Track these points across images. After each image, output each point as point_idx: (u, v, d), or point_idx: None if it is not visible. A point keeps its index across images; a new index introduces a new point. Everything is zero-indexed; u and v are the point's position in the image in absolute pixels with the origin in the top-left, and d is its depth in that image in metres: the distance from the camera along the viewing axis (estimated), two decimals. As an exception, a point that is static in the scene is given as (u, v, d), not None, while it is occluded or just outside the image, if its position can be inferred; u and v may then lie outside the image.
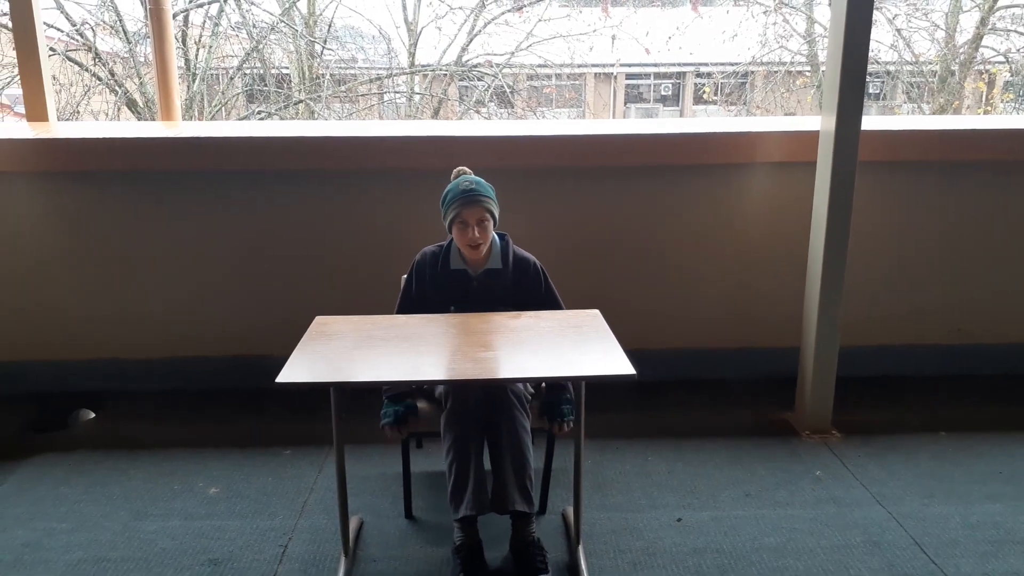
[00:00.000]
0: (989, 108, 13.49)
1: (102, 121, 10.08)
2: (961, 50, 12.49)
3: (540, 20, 12.39)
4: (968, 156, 3.50)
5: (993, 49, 12.76)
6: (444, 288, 2.56)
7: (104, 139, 3.41)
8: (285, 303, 3.48)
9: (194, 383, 3.61)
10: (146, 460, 2.98)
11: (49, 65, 3.89)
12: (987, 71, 13.23)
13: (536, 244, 2.75)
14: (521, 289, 2.58)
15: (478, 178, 2.56)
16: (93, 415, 3.37)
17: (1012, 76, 13.26)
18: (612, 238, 3.54)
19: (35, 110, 3.79)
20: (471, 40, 12.11)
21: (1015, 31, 12.64)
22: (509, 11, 12.47)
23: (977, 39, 12.40)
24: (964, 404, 3.45)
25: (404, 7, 12.27)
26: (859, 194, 3.02)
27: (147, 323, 3.57)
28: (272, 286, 3.54)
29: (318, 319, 2.50)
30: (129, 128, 3.97)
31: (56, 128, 3.72)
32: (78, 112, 10.05)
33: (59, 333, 3.57)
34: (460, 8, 11.85)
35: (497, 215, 2.54)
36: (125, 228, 3.48)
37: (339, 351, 2.27)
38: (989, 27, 12.36)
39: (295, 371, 2.11)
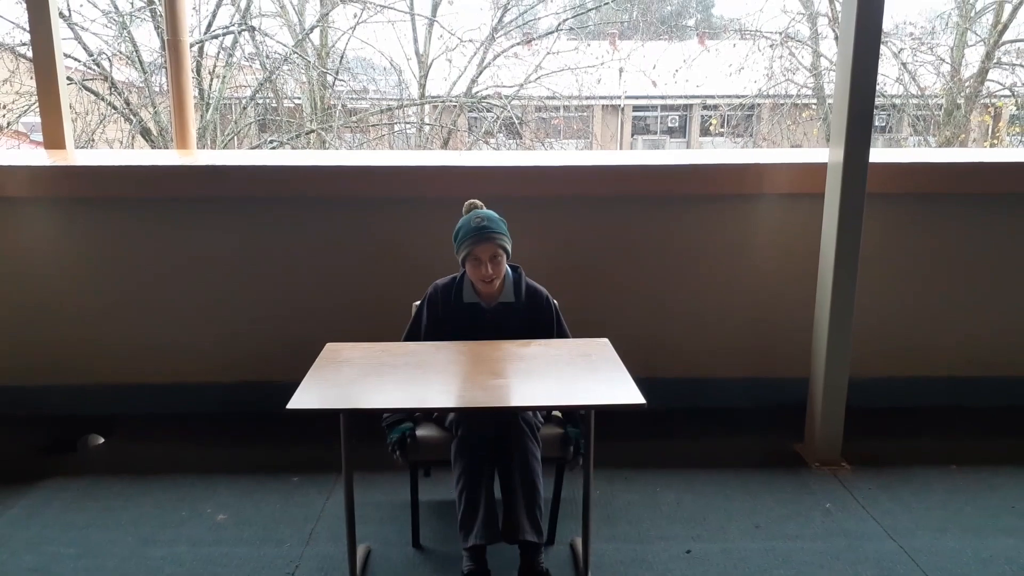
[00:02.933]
0: (995, 141, 13.54)
1: (117, 149, 10.21)
2: (967, 84, 12.58)
3: (549, 53, 12.55)
4: (977, 188, 3.51)
5: (999, 83, 12.84)
6: (457, 321, 2.57)
7: (123, 167, 3.47)
8: (296, 329, 3.50)
9: (204, 408, 3.62)
10: (155, 486, 2.98)
11: (67, 94, 3.96)
12: (993, 104, 13.29)
13: (547, 273, 2.77)
14: (533, 322, 2.59)
15: (491, 212, 2.58)
16: (102, 440, 3.38)
17: (1018, 109, 13.32)
18: (622, 267, 3.56)
19: (53, 138, 3.86)
20: (481, 72, 12.26)
21: (1020, 65, 12.72)
22: (518, 44, 12.64)
23: (982, 73, 12.49)
24: (975, 437, 3.42)
25: (415, 40, 12.45)
26: (867, 225, 3.03)
27: (159, 348, 3.59)
28: (283, 312, 3.56)
29: (329, 346, 2.52)
30: (146, 156, 4.03)
31: (75, 155, 3.78)
32: (93, 140, 10.19)
33: (71, 357, 3.60)
34: (470, 41, 12.03)
35: (510, 249, 2.56)
36: (139, 253, 3.52)
37: (350, 377, 2.28)
38: (994, 61, 12.44)
39: (306, 397, 2.13)
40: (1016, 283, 3.62)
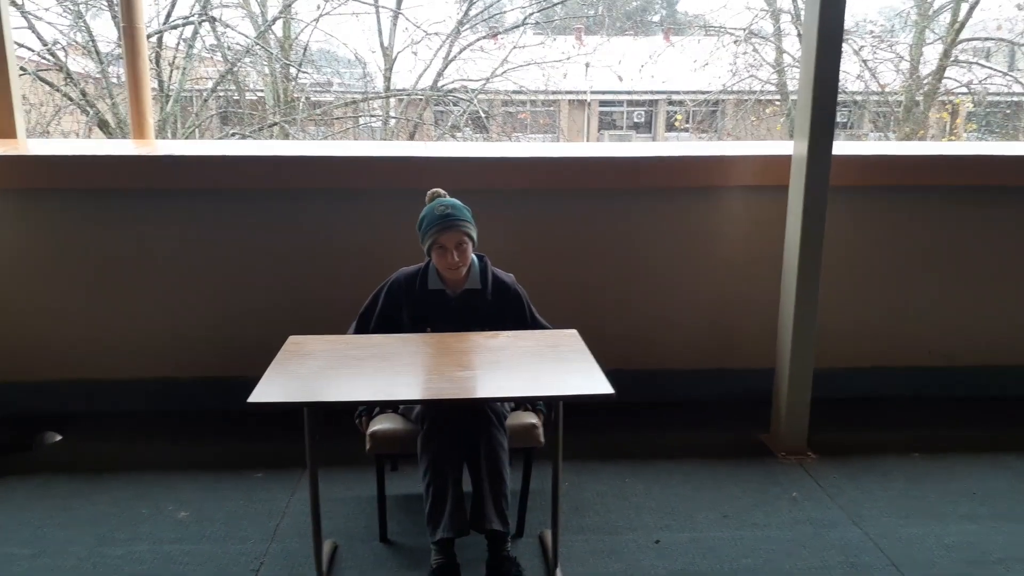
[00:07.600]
0: (953, 137, 13.85)
1: (73, 140, 9.95)
2: (925, 81, 12.83)
3: (515, 47, 12.54)
4: (937, 181, 3.56)
5: (956, 80, 13.13)
6: (421, 308, 2.55)
7: (76, 156, 3.37)
8: (259, 324, 3.42)
9: (163, 406, 3.53)
10: (113, 483, 2.90)
11: (19, 84, 3.83)
12: (950, 102, 13.58)
13: (515, 265, 2.75)
14: (500, 310, 2.58)
15: (454, 200, 2.56)
16: (59, 437, 3.28)
17: (975, 107, 13.63)
18: (590, 259, 3.55)
19: (4, 128, 3.72)
20: (446, 65, 12.19)
21: (977, 63, 13.02)
22: (484, 38, 12.60)
23: (940, 70, 12.75)
24: (937, 425, 3.48)
25: (380, 32, 12.33)
26: (831, 217, 3.06)
27: (117, 344, 3.49)
28: (245, 306, 3.49)
29: (292, 338, 2.47)
30: (101, 146, 3.92)
31: (26, 145, 3.66)
32: (48, 132, 9.92)
33: (26, 353, 3.48)
34: (436, 34, 11.94)
35: (475, 237, 2.53)
36: (93, 247, 3.41)
37: (313, 371, 2.23)
38: (952, 59, 12.71)
39: (268, 391, 2.08)
40: (977, 274, 3.68)
